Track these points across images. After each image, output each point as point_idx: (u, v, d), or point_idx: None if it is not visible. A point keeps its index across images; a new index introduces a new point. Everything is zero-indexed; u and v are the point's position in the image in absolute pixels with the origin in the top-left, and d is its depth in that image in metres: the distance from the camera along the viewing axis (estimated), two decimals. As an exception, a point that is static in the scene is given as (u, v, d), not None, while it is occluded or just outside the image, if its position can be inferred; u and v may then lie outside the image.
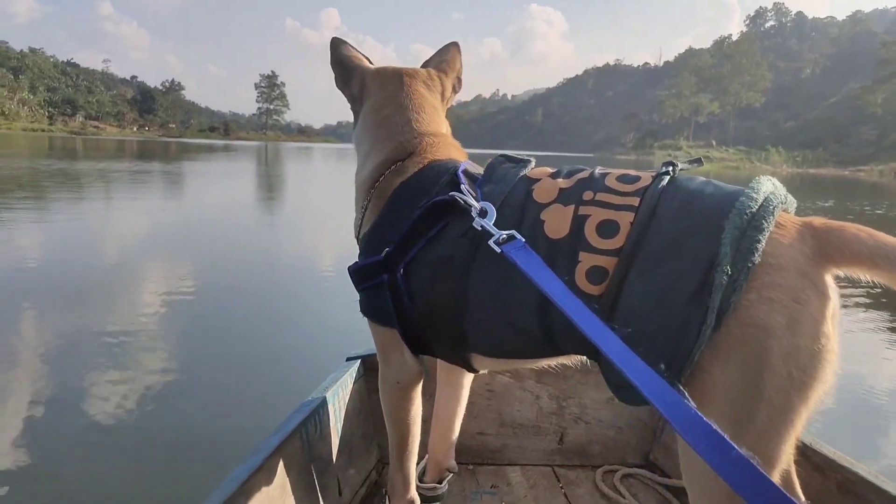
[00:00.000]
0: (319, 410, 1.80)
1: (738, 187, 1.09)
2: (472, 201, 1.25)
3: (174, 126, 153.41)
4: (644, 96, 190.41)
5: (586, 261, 1.10)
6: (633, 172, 1.21)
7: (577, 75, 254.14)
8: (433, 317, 1.33)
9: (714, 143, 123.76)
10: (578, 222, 1.14)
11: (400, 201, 1.42)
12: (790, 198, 1.10)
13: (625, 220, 1.10)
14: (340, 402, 1.96)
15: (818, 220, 1.06)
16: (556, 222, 1.17)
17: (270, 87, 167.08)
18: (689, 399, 0.88)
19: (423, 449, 1.78)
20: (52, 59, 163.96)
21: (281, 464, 1.54)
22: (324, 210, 13.79)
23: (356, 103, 1.70)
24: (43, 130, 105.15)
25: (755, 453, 0.81)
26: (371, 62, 1.73)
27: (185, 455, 2.93)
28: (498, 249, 1.14)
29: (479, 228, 1.20)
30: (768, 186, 1.08)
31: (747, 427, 0.97)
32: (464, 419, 1.85)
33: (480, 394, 2.20)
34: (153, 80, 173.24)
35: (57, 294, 5.72)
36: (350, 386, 2.04)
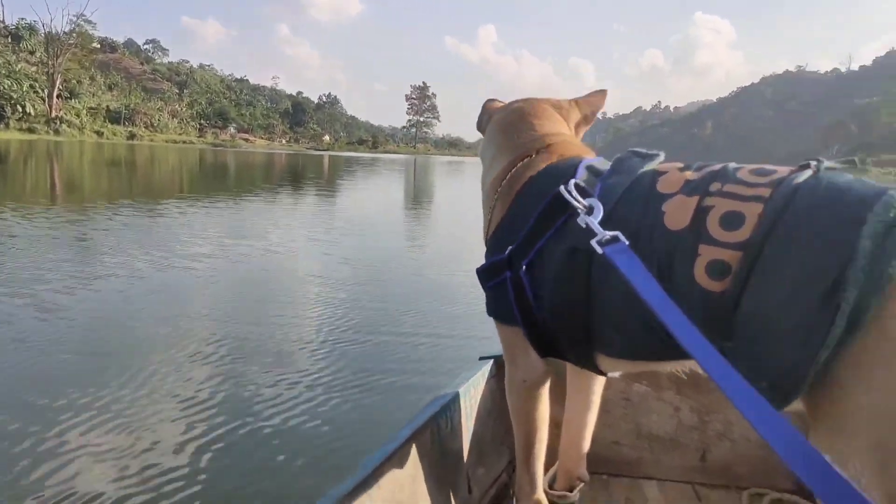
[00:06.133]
0: (451, 406, 1.72)
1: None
2: (577, 198, 1.18)
3: (328, 138, 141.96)
4: (836, 105, 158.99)
5: (706, 254, 0.99)
6: (770, 167, 1.08)
7: (752, 84, 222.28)
8: (558, 314, 1.25)
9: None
10: (701, 213, 1.03)
11: (527, 196, 1.35)
12: None
13: (752, 211, 0.98)
14: (472, 400, 1.87)
15: None
16: (677, 213, 1.06)
17: (421, 99, 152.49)
18: (792, 425, 0.74)
19: (554, 455, 1.74)
20: (219, 75, 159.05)
21: (412, 454, 1.50)
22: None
23: (483, 131, 1.67)
24: (185, 143, 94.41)
25: None
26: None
27: (326, 445, 3.05)
28: (599, 250, 1.06)
29: (584, 226, 1.13)
30: None
31: (894, 465, 0.81)
32: (598, 428, 1.76)
33: (616, 402, 2.03)
34: (318, 96, 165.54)
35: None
36: (482, 385, 1.95)
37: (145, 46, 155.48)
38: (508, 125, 1.56)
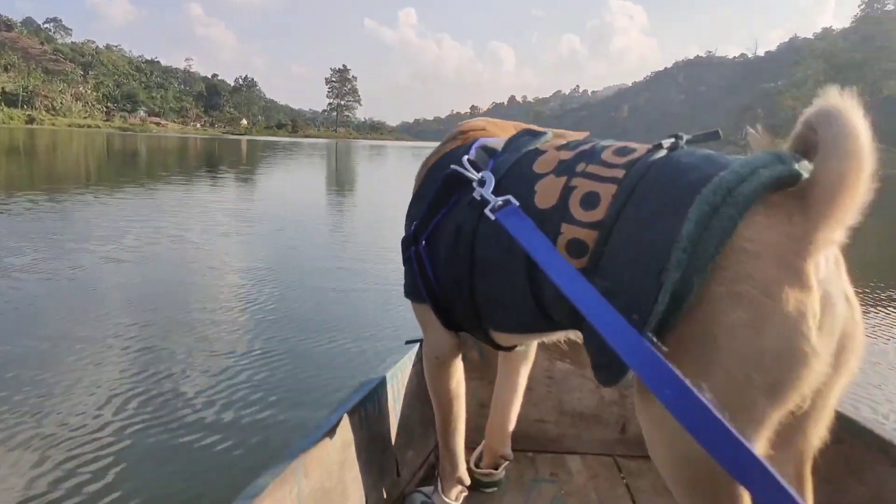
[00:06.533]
0: (378, 391, 1.73)
1: (740, 160, 0.89)
2: (472, 171, 1.22)
3: (246, 122, 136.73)
4: (743, 90, 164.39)
5: (567, 233, 1.01)
6: (633, 145, 1.09)
7: (665, 68, 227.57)
8: (450, 288, 1.28)
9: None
10: (566, 193, 1.06)
11: (431, 177, 1.40)
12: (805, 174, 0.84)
13: (607, 191, 1.00)
14: (399, 384, 1.88)
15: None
16: (547, 193, 1.09)
17: (342, 82, 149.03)
18: (675, 368, 0.75)
19: (480, 434, 1.82)
20: (128, 56, 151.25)
21: (340, 439, 1.50)
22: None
23: None
24: (90, 127, 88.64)
25: None
26: None
27: (249, 434, 2.84)
28: (492, 216, 1.09)
29: (479, 198, 1.16)
30: (765, 160, 0.86)
31: None
32: (523, 406, 1.80)
33: (540, 381, 2.08)
34: (234, 79, 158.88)
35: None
36: (409, 369, 1.96)
37: (46, 25, 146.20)
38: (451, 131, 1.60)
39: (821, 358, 0.80)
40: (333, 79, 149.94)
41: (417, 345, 1.97)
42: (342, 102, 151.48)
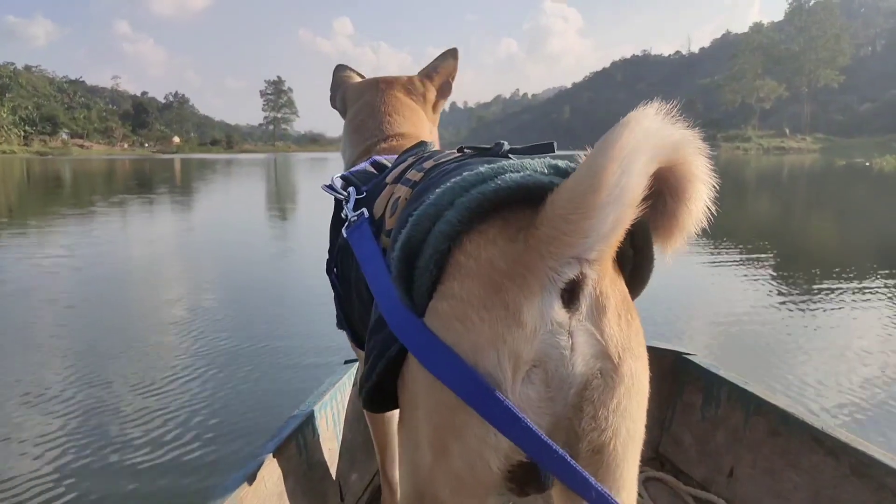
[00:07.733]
0: (317, 415, 1.66)
1: (490, 168, 0.76)
2: (340, 191, 1.17)
3: (179, 140, 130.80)
4: (681, 86, 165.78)
5: (383, 243, 0.94)
6: (455, 154, 1.03)
7: (604, 68, 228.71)
8: (358, 312, 1.18)
9: (787, 131, 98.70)
10: (388, 202, 1.01)
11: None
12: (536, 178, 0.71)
13: (404, 196, 0.95)
14: (339, 406, 1.82)
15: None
16: (381, 202, 1.03)
17: (277, 94, 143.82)
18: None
19: None
20: (49, 77, 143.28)
21: (277, 470, 1.42)
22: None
23: (343, 116, 1.64)
24: (4, 153, 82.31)
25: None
26: (363, 77, 1.70)
27: (179, 467, 2.62)
28: (345, 234, 1.04)
29: (345, 216, 1.11)
30: (527, 166, 0.76)
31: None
32: None
33: None
34: (164, 96, 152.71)
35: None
36: (349, 389, 1.89)
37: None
38: (360, 124, 1.52)
39: (524, 406, 0.66)
40: (268, 91, 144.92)
41: (357, 364, 1.85)
42: (279, 115, 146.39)
